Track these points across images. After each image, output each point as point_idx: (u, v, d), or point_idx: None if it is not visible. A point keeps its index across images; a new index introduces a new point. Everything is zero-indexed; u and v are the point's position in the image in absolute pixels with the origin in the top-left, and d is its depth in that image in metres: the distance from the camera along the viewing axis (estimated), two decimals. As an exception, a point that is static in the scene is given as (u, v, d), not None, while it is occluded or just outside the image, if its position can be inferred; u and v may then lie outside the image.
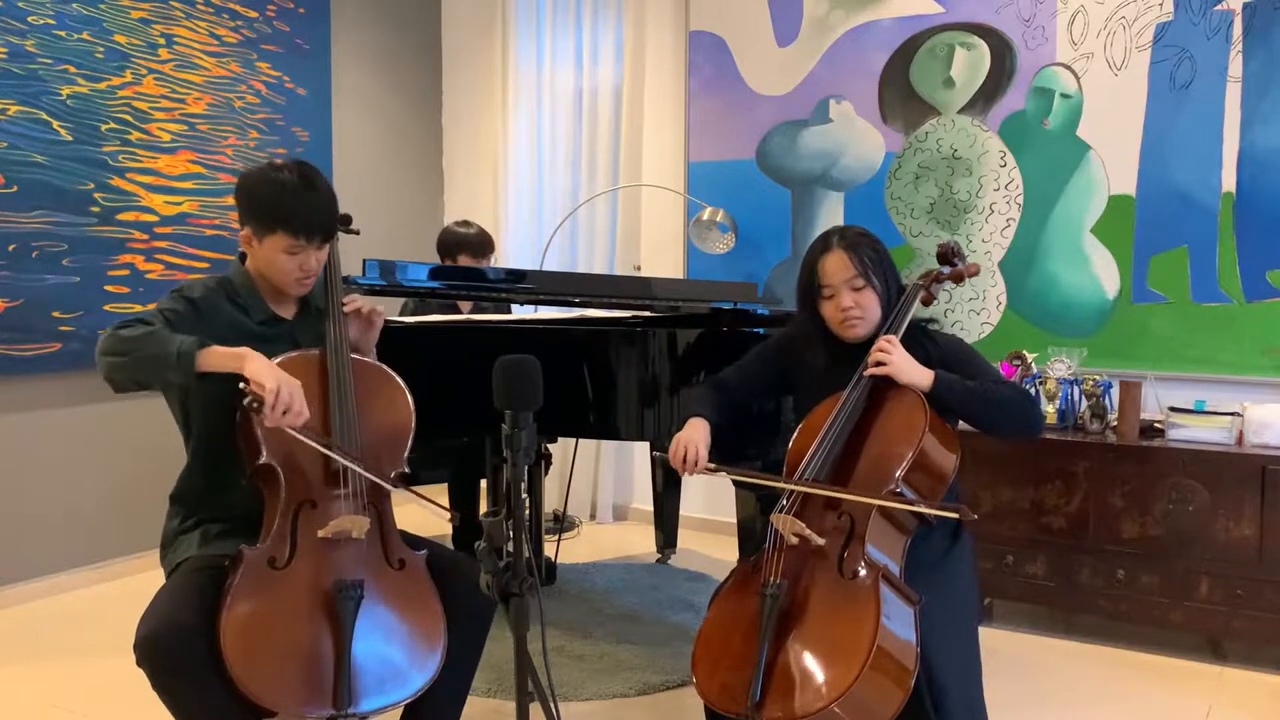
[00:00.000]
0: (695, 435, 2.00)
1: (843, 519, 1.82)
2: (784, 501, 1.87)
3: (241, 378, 1.70)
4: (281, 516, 1.79)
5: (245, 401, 1.68)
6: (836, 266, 2.02)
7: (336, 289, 1.98)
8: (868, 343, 2.01)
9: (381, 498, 1.89)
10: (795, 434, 2.01)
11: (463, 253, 3.69)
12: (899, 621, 1.68)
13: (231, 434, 1.84)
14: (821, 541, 1.80)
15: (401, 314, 3.69)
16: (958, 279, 2.17)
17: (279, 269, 1.90)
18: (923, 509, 1.82)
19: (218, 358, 1.71)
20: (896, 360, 1.93)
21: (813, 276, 2.05)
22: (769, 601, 1.73)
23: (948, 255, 2.17)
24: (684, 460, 1.96)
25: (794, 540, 1.81)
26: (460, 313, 3.67)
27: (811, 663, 1.68)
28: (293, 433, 1.72)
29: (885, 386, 1.95)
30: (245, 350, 1.73)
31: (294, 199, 1.85)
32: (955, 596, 1.89)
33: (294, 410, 1.70)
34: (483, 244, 3.70)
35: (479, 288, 3.21)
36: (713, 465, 1.97)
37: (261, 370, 1.69)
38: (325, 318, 1.95)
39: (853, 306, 2.01)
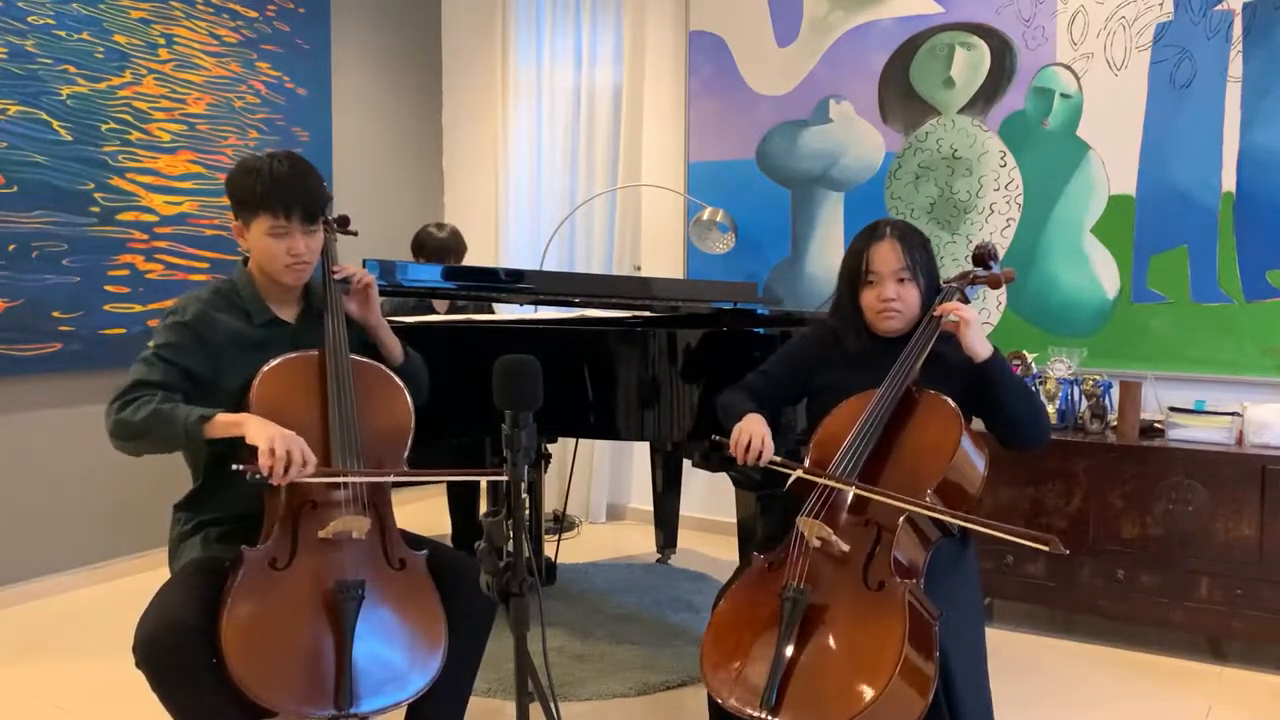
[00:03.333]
0: (760, 428, 1.97)
1: (870, 528, 1.79)
2: (812, 504, 1.84)
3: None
4: (282, 517, 1.79)
5: (248, 478, 1.69)
6: (888, 255, 2.01)
7: (334, 291, 1.98)
8: (898, 340, 2.00)
9: (382, 498, 1.89)
10: (822, 426, 1.98)
11: (419, 255, 3.71)
12: (923, 636, 1.66)
13: (231, 439, 1.84)
14: (846, 549, 1.77)
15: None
16: (994, 284, 2.12)
17: (269, 256, 1.90)
18: (1008, 534, 1.66)
19: (220, 428, 1.75)
20: (973, 321, 1.92)
21: (859, 262, 2.04)
22: (790, 605, 1.70)
23: (984, 258, 2.12)
24: (747, 449, 1.93)
25: (817, 544, 1.79)
26: (436, 312, 3.66)
27: (833, 673, 1.64)
28: (306, 481, 1.74)
29: (918, 392, 1.94)
30: (244, 417, 1.76)
31: (272, 178, 1.87)
32: (965, 601, 1.89)
33: (295, 464, 1.71)
34: (441, 249, 3.67)
35: (479, 288, 3.21)
36: (778, 459, 1.93)
37: (258, 435, 1.71)
38: (325, 318, 1.95)
39: (895, 299, 2.00)
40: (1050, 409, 3.22)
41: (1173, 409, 3.08)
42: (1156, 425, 3.11)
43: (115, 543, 3.69)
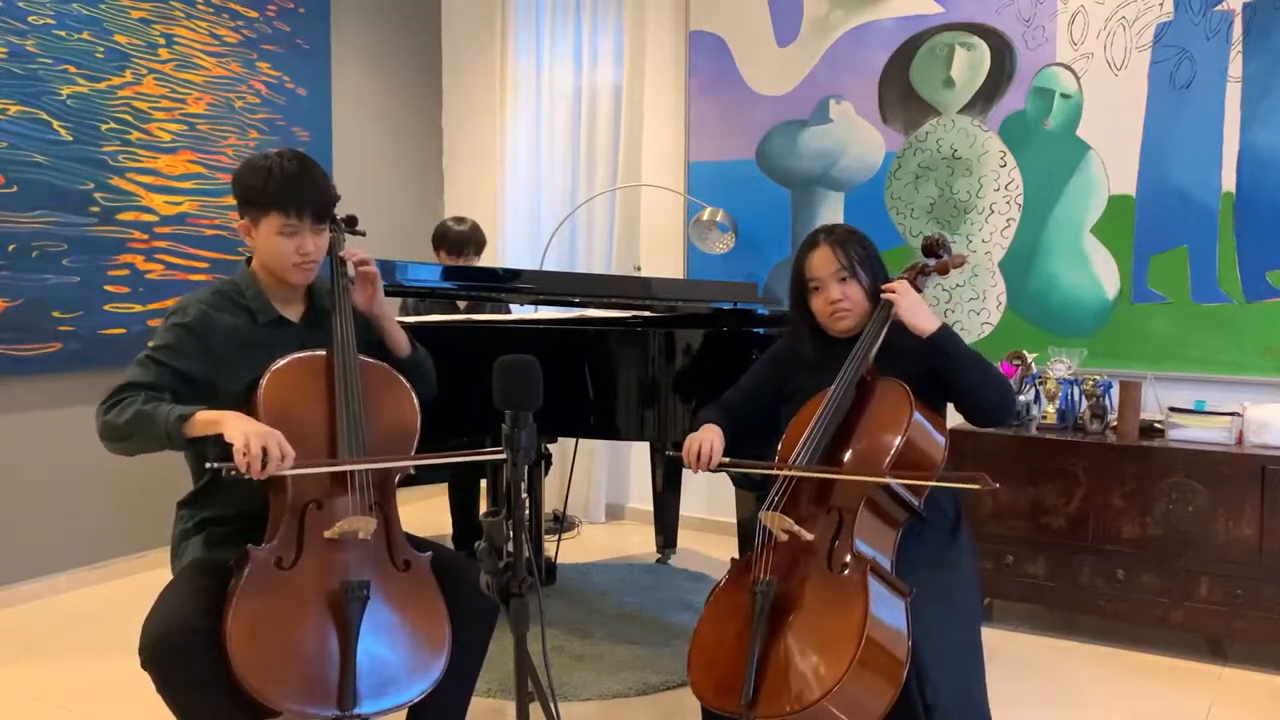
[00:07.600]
0: (710, 435, 2.04)
1: (831, 514, 1.84)
2: (773, 498, 1.89)
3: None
4: (288, 517, 1.78)
5: (224, 474, 1.68)
6: (822, 260, 2.06)
7: (341, 290, 1.98)
8: (854, 338, 2.03)
9: (387, 499, 1.89)
10: (788, 427, 2.03)
11: (441, 247, 3.73)
12: (888, 613, 1.69)
13: (218, 439, 1.83)
14: (810, 537, 1.82)
15: (401, 313, 3.69)
16: (943, 271, 2.17)
17: (277, 254, 1.90)
18: (934, 482, 1.83)
19: (200, 426, 1.73)
20: (907, 297, 1.98)
21: (801, 272, 2.10)
22: (759, 599, 1.74)
23: (933, 247, 2.17)
24: (698, 457, 1.99)
25: (784, 537, 1.83)
26: (459, 312, 3.67)
27: (803, 658, 1.69)
28: (288, 473, 1.73)
29: (872, 380, 1.98)
30: (222, 415, 1.73)
31: (283, 177, 1.87)
32: (953, 594, 1.89)
33: (273, 459, 1.68)
34: (461, 241, 3.72)
35: (479, 287, 3.21)
36: (726, 460, 2.00)
37: (234, 432, 1.69)
38: (331, 316, 1.95)
39: (841, 299, 2.05)
40: (1050, 409, 3.22)
41: (1173, 409, 3.08)
42: (1156, 425, 3.11)
43: (115, 543, 3.69)
